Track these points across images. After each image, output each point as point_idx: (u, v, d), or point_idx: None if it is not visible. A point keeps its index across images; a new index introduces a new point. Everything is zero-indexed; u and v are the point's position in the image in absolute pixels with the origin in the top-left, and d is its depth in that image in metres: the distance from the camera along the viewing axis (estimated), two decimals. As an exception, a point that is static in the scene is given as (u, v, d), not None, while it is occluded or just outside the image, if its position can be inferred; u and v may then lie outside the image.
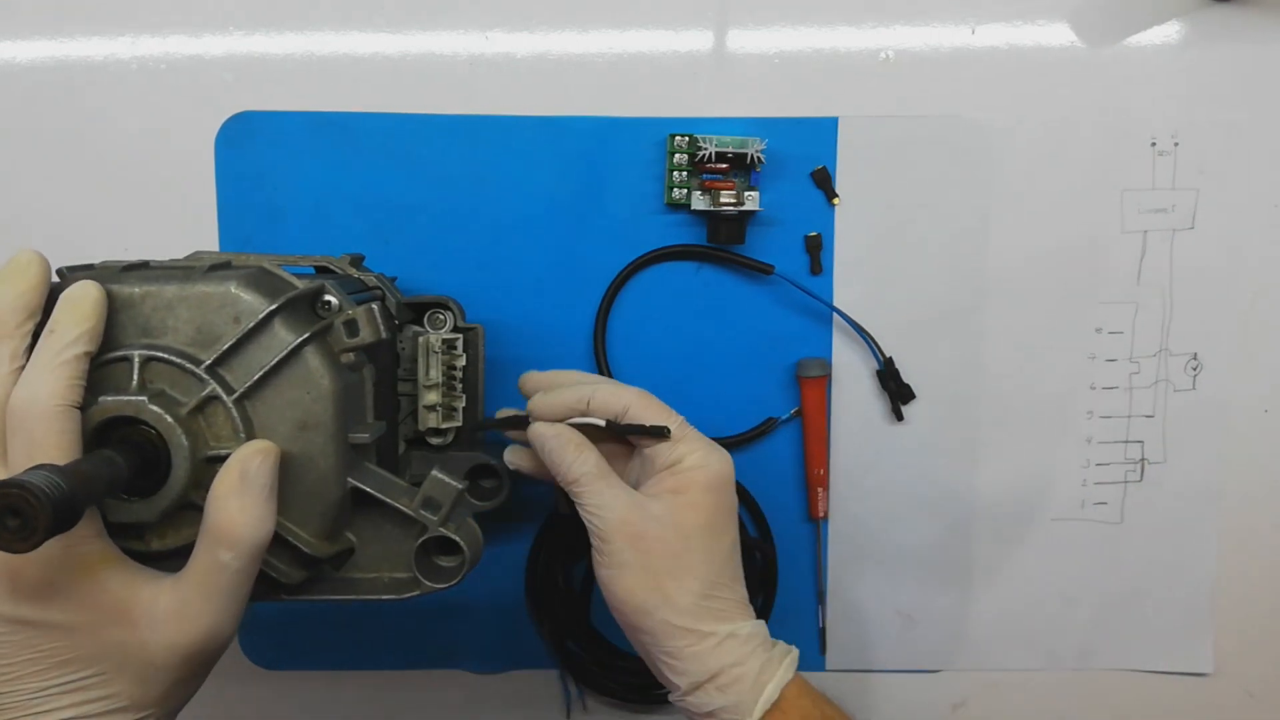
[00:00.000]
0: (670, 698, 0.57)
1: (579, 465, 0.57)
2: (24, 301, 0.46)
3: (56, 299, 0.46)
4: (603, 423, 0.58)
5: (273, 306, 0.48)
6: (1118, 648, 0.75)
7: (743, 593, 0.58)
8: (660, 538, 0.55)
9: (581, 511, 0.57)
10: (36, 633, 0.45)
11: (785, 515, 0.73)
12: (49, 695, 0.46)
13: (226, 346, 0.48)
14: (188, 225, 0.70)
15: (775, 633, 0.72)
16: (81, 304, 0.46)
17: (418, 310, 0.64)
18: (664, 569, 0.55)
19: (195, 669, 0.49)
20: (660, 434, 0.58)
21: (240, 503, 0.46)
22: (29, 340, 0.45)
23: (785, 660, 0.56)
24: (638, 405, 0.58)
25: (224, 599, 0.46)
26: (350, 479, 0.51)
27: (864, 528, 0.73)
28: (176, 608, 0.46)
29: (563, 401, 0.59)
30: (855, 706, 0.75)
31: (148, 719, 0.48)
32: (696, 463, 0.57)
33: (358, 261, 0.63)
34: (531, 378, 0.64)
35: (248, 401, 0.48)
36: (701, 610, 0.55)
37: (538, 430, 0.59)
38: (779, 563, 0.73)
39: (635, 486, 0.59)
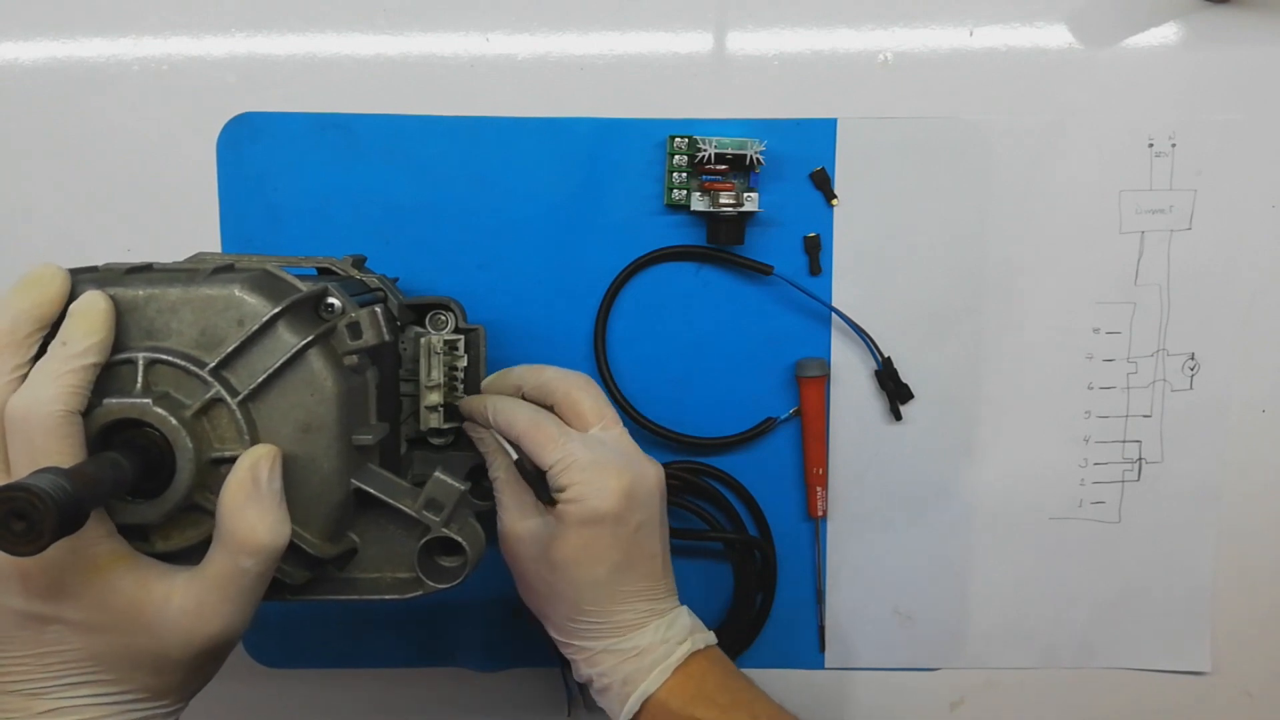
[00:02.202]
0: None
1: (491, 471, 0.61)
2: (39, 313, 0.46)
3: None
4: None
5: (276, 309, 0.48)
6: (1115, 646, 0.75)
7: (636, 610, 0.58)
8: (533, 559, 0.58)
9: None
10: (50, 629, 0.46)
11: (784, 514, 0.74)
12: (65, 686, 0.46)
13: (230, 349, 0.48)
14: (190, 227, 0.70)
15: (775, 632, 0.73)
16: (92, 316, 0.46)
17: (419, 311, 0.64)
18: (538, 590, 0.59)
19: (208, 661, 0.49)
20: (536, 484, 0.58)
21: (258, 510, 0.46)
22: (34, 351, 0.45)
23: (656, 670, 0.57)
24: (526, 439, 0.57)
25: (243, 599, 0.47)
26: (353, 480, 0.51)
27: (863, 527, 0.74)
28: (194, 607, 0.46)
29: (468, 410, 0.61)
30: (854, 705, 0.76)
31: (165, 706, 0.49)
32: (573, 496, 0.56)
33: (360, 263, 0.63)
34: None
35: (252, 404, 0.48)
36: (572, 629, 0.59)
37: (465, 427, 0.62)
38: (778, 562, 0.73)
39: None
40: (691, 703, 0.57)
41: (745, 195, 0.68)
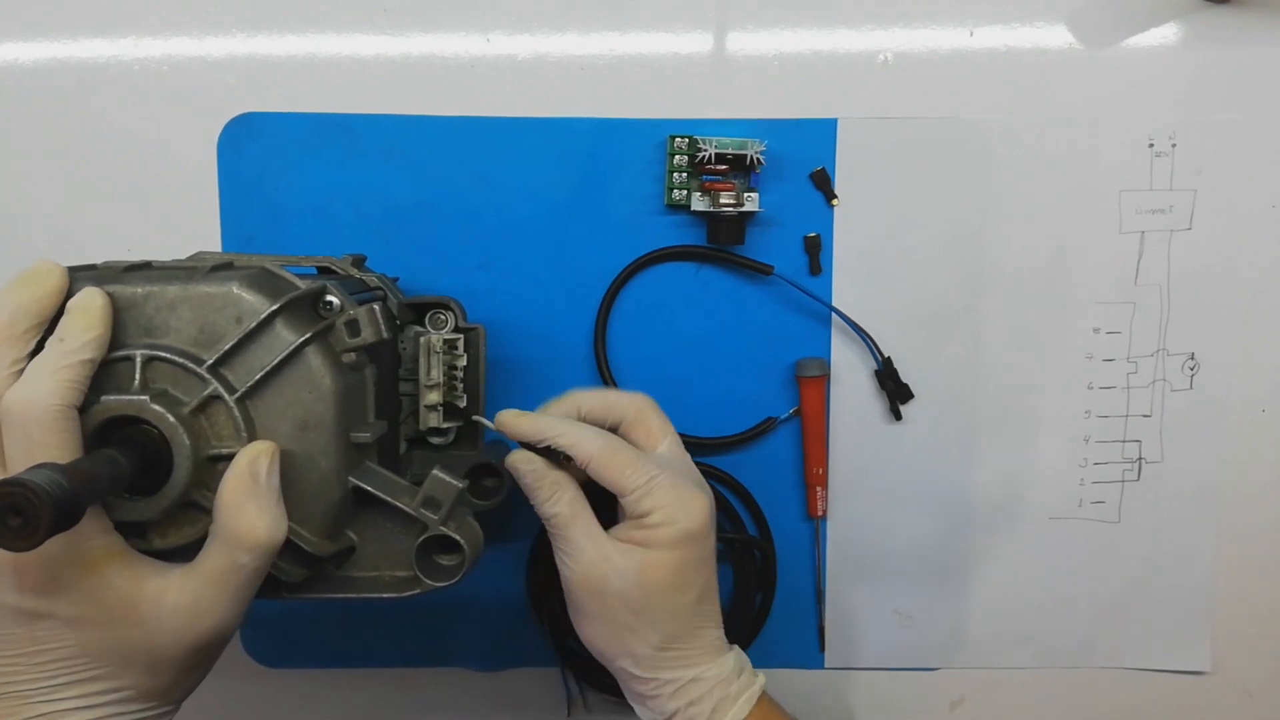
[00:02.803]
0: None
1: (549, 505, 0.57)
2: (37, 308, 0.46)
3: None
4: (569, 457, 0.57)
5: (274, 307, 0.48)
6: (1115, 646, 0.75)
7: (713, 633, 0.58)
8: (621, 593, 0.56)
9: (554, 552, 0.58)
10: (43, 625, 0.46)
11: (784, 514, 0.73)
12: (57, 686, 0.46)
13: (228, 346, 0.48)
14: (190, 226, 0.70)
15: (775, 632, 0.73)
16: (89, 312, 0.46)
17: (419, 310, 0.64)
18: (623, 623, 0.56)
19: (202, 659, 0.49)
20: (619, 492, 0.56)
21: (256, 507, 0.46)
22: (32, 346, 0.46)
23: (743, 697, 0.57)
24: (597, 461, 0.56)
25: (237, 596, 0.47)
26: (351, 478, 0.51)
27: (862, 527, 0.74)
28: (188, 603, 0.47)
29: (525, 433, 0.57)
30: (854, 705, 0.76)
31: (156, 707, 0.49)
32: (663, 519, 0.55)
33: (359, 262, 0.63)
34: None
35: (249, 401, 0.49)
36: (660, 660, 0.57)
37: (512, 460, 0.58)
38: (778, 562, 0.73)
39: (619, 519, 0.58)
40: None
41: (745, 195, 0.68)
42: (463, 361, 0.62)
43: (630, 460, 0.56)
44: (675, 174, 0.69)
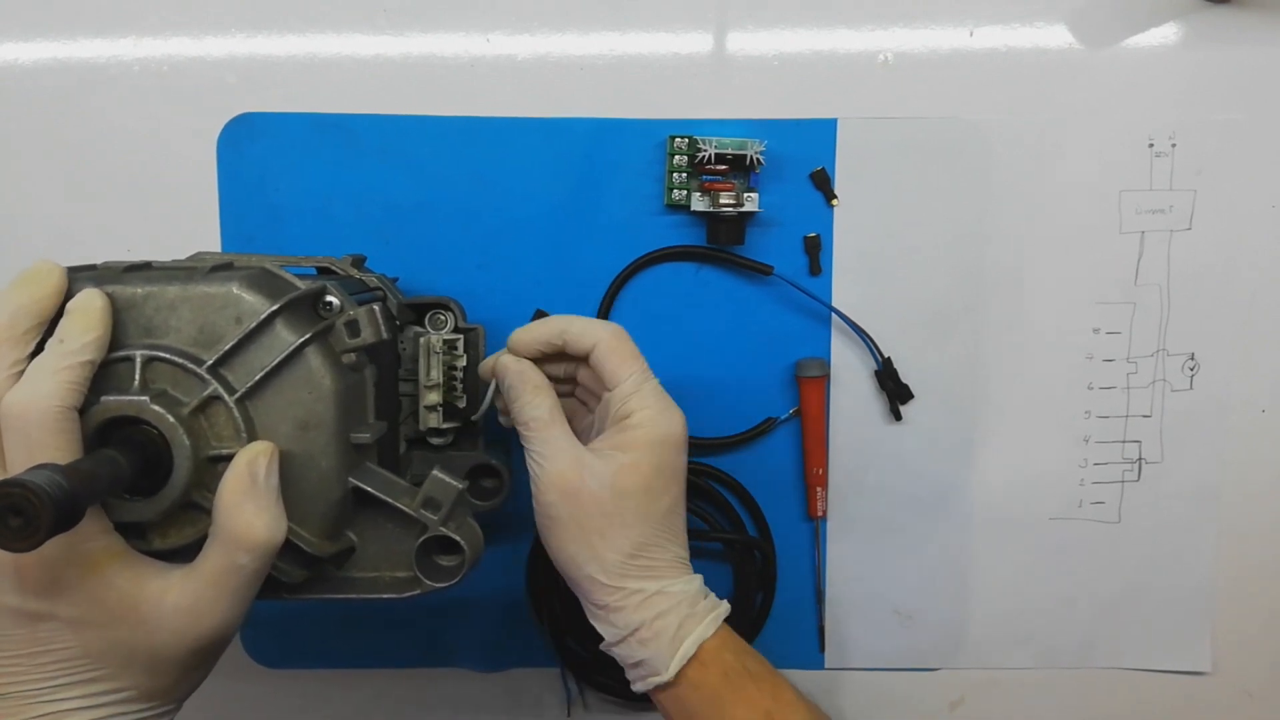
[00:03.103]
0: (600, 646, 0.58)
1: (530, 408, 0.57)
2: (37, 309, 0.46)
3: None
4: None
5: (274, 307, 0.48)
6: (1116, 646, 0.75)
7: (679, 550, 0.58)
8: (595, 496, 0.55)
9: (526, 457, 0.57)
10: (45, 626, 0.46)
11: (784, 514, 0.74)
12: (59, 687, 0.46)
13: (228, 347, 0.48)
14: (190, 226, 0.70)
15: (775, 632, 0.73)
16: (89, 313, 0.46)
17: (419, 311, 0.64)
18: (594, 527, 0.56)
19: (203, 660, 0.49)
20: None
21: (255, 507, 0.46)
22: (32, 347, 0.46)
23: (709, 616, 0.56)
24: (604, 345, 0.58)
25: (237, 596, 0.47)
26: (351, 478, 0.51)
27: (862, 527, 0.74)
28: (189, 604, 0.47)
29: (537, 335, 0.60)
30: (854, 705, 0.76)
31: (157, 708, 0.49)
32: (643, 420, 0.57)
33: (359, 262, 0.63)
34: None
35: (249, 401, 0.49)
36: (629, 568, 0.56)
37: (503, 362, 0.59)
38: (778, 562, 0.73)
39: (594, 435, 0.59)
40: (743, 652, 0.57)
41: (745, 195, 0.68)
42: (463, 362, 0.62)
43: (633, 355, 0.58)
44: (675, 174, 0.69)
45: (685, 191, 0.69)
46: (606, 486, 0.55)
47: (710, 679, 0.55)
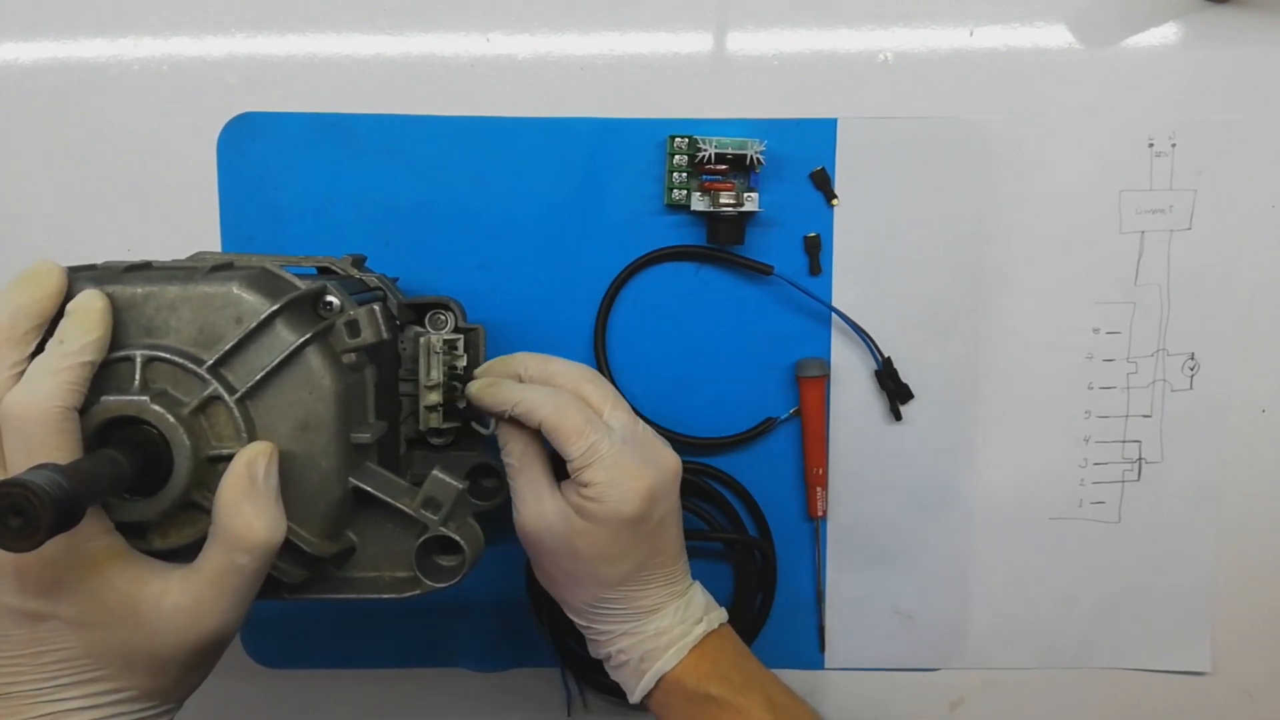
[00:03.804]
0: None
1: (503, 453, 0.59)
2: (37, 309, 0.46)
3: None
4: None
5: (274, 307, 0.48)
6: (1115, 646, 0.75)
7: (657, 589, 0.59)
8: (553, 550, 0.58)
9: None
10: (45, 626, 0.46)
11: (784, 514, 0.74)
12: (59, 687, 0.46)
13: (228, 347, 0.48)
14: (190, 226, 0.70)
15: (775, 632, 0.73)
16: (89, 314, 0.46)
17: (419, 311, 0.64)
18: (556, 576, 0.60)
19: (203, 660, 0.49)
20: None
21: (254, 507, 0.46)
22: (32, 348, 0.46)
23: (671, 650, 0.58)
24: (546, 423, 0.56)
25: (237, 596, 0.47)
26: (352, 479, 0.51)
27: (863, 527, 0.74)
28: (189, 604, 0.46)
29: (489, 403, 0.58)
30: (854, 705, 0.76)
31: (157, 707, 0.49)
32: (598, 495, 0.56)
33: (359, 262, 0.63)
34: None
35: (249, 401, 0.48)
36: (592, 614, 0.59)
37: (474, 395, 0.60)
38: (778, 562, 0.73)
39: None
40: (706, 680, 0.58)
41: (745, 195, 0.68)
42: (463, 362, 0.62)
43: (576, 429, 0.56)
44: (675, 174, 0.69)
45: (685, 191, 0.69)
46: (562, 546, 0.57)
47: (675, 703, 0.59)
